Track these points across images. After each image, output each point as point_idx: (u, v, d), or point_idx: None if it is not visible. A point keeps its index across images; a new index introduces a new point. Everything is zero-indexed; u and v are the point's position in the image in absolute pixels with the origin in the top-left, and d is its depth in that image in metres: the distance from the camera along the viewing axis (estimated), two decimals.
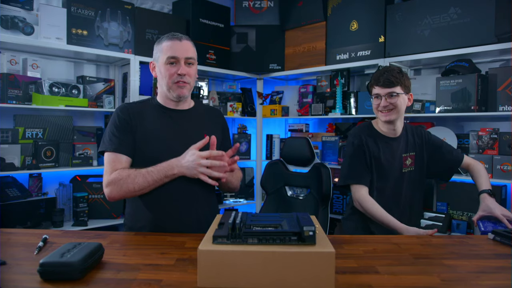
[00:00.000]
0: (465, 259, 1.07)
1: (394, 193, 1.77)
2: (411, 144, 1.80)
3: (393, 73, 1.66)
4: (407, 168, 1.78)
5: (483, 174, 1.75)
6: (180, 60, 1.41)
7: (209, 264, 0.83)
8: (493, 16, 2.16)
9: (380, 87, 1.67)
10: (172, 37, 1.43)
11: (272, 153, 3.39)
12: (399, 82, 1.66)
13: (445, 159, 1.82)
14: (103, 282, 0.87)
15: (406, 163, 1.78)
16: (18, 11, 2.34)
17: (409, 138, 1.81)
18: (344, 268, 0.98)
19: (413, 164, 1.80)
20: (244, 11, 3.34)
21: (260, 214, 1.10)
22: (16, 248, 1.11)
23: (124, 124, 1.42)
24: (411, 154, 1.80)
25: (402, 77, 1.67)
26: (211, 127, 1.53)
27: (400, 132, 1.78)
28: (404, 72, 1.72)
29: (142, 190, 1.35)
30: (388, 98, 1.67)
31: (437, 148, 1.83)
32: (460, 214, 2.42)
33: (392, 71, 1.67)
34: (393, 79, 1.65)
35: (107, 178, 1.37)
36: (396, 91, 1.66)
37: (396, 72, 1.67)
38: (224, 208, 3.19)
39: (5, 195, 2.21)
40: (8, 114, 2.35)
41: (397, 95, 1.66)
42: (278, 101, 3.48)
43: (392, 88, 1.66)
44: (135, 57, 2.65)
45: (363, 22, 2.76)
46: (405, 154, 1.78)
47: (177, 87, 1.43)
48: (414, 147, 1.81)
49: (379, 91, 1.68)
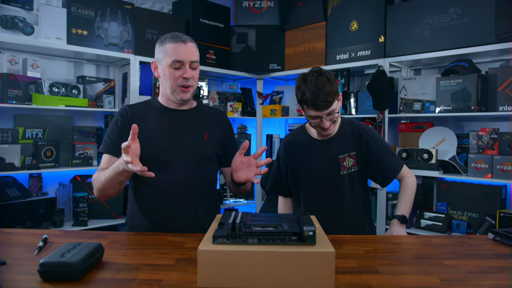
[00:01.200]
0: (465, 259, 1.07)
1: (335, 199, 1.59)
2: (349, 142, 1.60)
3: (325, 89, 1.43)
4: (347, 170, 1.58)
5: (408, 196, 1.58)
6: (185, 63, 1.40)
7: (209, 264, 0.83)
8: (493, 16, 2.16)
9: (318, 111, 1.46)
10: (176, 39, 1.41)
11: (272, 153, 3.39)
12: (334, 96, 1.46)
13: (382, 166, 1.59)
14: (103, 282, 0.87)
15: (344, 165, 1.58)
16: (18, 11, 2.34)
17: (348, 137, 1.60)
18: (344, 268, 0.98)
19: (356, 164, 1.59)
20: (244, 11, 3.34)
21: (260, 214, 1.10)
22: (16, 248, 1.11)
23: (121, 128, 1.43)
24: (351, 153, 1.59)
25: (332, 86, 1.46)
26: (212, 127, 1.53)
27: (335, 133, 1.61)
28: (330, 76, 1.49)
29: (106, 189, 1.33)
30: (329, 116, 1.48)
31: (377, 152, 1.59)
32: (460, 214, 2.42)
33: (323, 86, 1.43)
34: (329, 97, 1.44)
35: None
36: (334, 107, 1.47)
37: (327, 84, 1.44)
38: (224, 208, 3.19)
39: (5, 195, 2.21)
40: (8, 114, 2.35)
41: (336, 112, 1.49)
42: (278, 101, 3.48)
43: (330, 108, 1.46)
44: (135, 57, 2.65)
45: (363, 22, 2.76)
46: (342, 155, 1.59)
47: (181, 92, 1.43)
48: (354, 146, 1.60)
49: (317, 113, 1.47)
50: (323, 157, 1.60)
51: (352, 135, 1.61)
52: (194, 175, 1.44)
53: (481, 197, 2.33)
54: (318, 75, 1.46)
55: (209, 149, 1.49)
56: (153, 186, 1.41)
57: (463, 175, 2.34)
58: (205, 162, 1.48)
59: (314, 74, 1.47)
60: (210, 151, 1.49)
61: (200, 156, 1.46)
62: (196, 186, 1.45)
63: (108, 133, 1.44)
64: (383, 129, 2.58)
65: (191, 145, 1.45)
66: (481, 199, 2.33)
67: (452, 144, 2.42)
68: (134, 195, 1.47)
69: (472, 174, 2.28)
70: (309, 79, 1.46)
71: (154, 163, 1.36)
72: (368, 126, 1.65)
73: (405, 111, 2.61)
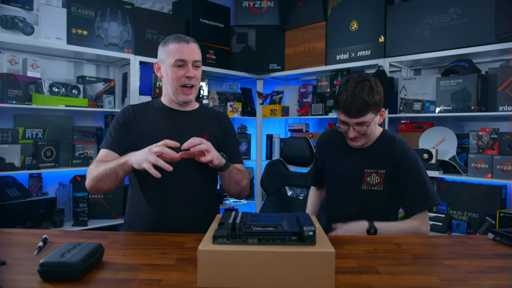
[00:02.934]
0: (465, 259, 1.07)
1: (346, 207, 1.51)
2: (381, 159, 1.46)
3: (362, 97, 1.33)
4: (369, 186, 1.47)
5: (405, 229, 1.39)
6: (188, 63, 1.43)
7: (209, 264, 0.83)
8: (493, 16, 2.16)
9: (347, 116, 1.37)
10: (179, 40, 1.44)
11: (272, 153, 3.39)
12: (369, 108, 1.35)
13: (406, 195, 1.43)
14: (103, 282, 0.87)
15: (367, 180, 1.46)
16: (18, 11, 2.34)
17: (383, 152, 1.47)
18: (344, 268, 0.98)
19: (382, 184, 1.45)
20: (244, 11, 3.34)
21: (260, 214, 1.10)
22: (16, 248, 1.11)
23: (123, 125, 1.45)
24: (380, 171, 1.45)
25: (373, 97, 1.35)
26: (213, 129, 1.54)
27: (370, 143, 1.49)
28: (376, 84, 1.38)
29: (101, 180, 1.32)
30: (357, 126, 1.39)
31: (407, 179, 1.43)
32: (460, 214, 2.42)
33: (361, 93, 1.33)
34: (363, 107, 1.33)
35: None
36: (366, 120, 1.36)
37: (366, 93, 1.34)
38: (224, 208, 3.19)
39: (5, 195, 2.21)
40: (8, 114, 2.35)
41: (366, 124, 1.38)
42: (278, 101, 3.48)
43: (361, 118, 1.36)
44: (135, 57, 2.65)
45: (363, 22, 2.76)
46: (369, 169, 1.46)
47: (183, 93, 1.44)
48: (386, 164, 1.45)
49: (345, 119, 1.39)
50: (349, 165, 1.50)
51: (387, 151, 1.46)
52: (195, 175, 1.45)
53: (481, 197, 2.33)
54: (361, 80, 1.37)
55: None
56: (153, 185, 1.41)
57: (463, 175, 2.34)
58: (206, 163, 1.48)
59: (358, 78, 1.39)
60: None
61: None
62: (196, 186, 1.45)
63: (109, 130, 1.46)
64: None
65: None
66: (481, 199, 2.33)
67: (452, 144, 2.42)
68: (134, 194, 1.48)
69: (472, 174, 2.28)
70: (351, 83, 1.38)
71: None
72: (409, 147, 1.49)
73: (405, 111, 2.61)
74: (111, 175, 1.31)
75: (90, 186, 1.38)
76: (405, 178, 1.43)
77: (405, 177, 1.43)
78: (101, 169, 1.32)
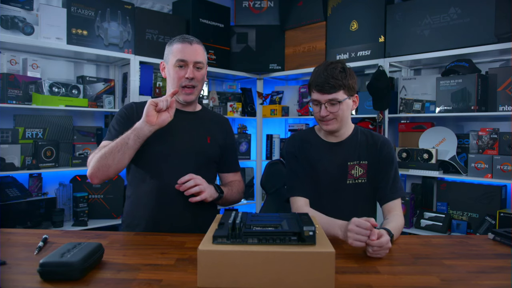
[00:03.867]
0: (465, 259, 1.07)
1: (332, 207, 1.44)
2: (362, 150, 1.47)
3: (334, 74, 1.35)
4: (353, 180, 1.46)
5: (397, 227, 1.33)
6: (189, 63, 1.43)
7: (209, 264, 0.83)
8: (493, 16, 2.16)
9: (319, 93, 1.37)
10: (183, 40, 1.45)
11: (272, 153, 3.39)
12: (341, 86, 1.36)
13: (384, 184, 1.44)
14: (103, 282, 0.87)
15: (352, 173, 1.46)
16: (18, 11, 2.34)
17: (361, 144, 1.48)
18: (344, 268, 0.98)
19: (365, 175, 1.46)
20: (244, 11, 3.34)
21: (260, 214, 1.10)
22: (16, 248, 1.11)
23: (126, 118, 1.45)
24: (362, 162, 1.46)
25: (345, 77, 1.37)
26: (215, 132, 1.55)
27: (346, 136, 1.49)
28: (348, 68, 1.41)
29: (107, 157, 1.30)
30: (329, 106, 1.37)
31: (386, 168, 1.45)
32: (460, 214, 2.42)
33: (333, 71, 1.36)
34: (334, 82, 1.34)
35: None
36: (338, 97, 1.36)
37: (339, 71, 1.36)
38: (224, 208, 3.19)
39: (5, 195, 2.21)
40: (8, 114, 2.35)
41: (339, 103, 1.37)
42: (278, 101, 3.48)
43: (333, 94, 1.36)
44: (135, 57, 2.65)
45: (363, 22, 2.76)
46: (352, 162, 1.46)
47: (184, 93, 1.45)
48: (367, 155, 1.47)
49: (318, 97, 1.38)
50: (331, 161, 1.47)
51: (366, 142, 1.48)
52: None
53: (481, 197, 2.33)
54: (336, 63, 1.40)
55: (211, 151, 1.52)
56: (153, 184, 1.42)
57: (463, 175, 2.34)
58: (207, 164, 1.51)
59: (333, 61, 1.41)
60: (212, 154, 1.52)
61: (202, 157, 1.48)
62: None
63: (112, 124, 1.47)
64: (383, 129, 2.58)
65: (195, 145, 1.47)
66: (481, 199, 2.33)
67: (452, 144, 2.42)
68: (132, 194, 1.48)
69: (472, 174, 2.28)
70: (323, 64, 1.41)
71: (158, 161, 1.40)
72: (385, 137, 1.52)
73: (405, 111, 2.61)
74: (120, 144, 1.30)
75: (95, 169, 1.31)
76: (385, 167, 1.46)
77: (385, 166, 1.46)
78: (107, 147, 1.31)
